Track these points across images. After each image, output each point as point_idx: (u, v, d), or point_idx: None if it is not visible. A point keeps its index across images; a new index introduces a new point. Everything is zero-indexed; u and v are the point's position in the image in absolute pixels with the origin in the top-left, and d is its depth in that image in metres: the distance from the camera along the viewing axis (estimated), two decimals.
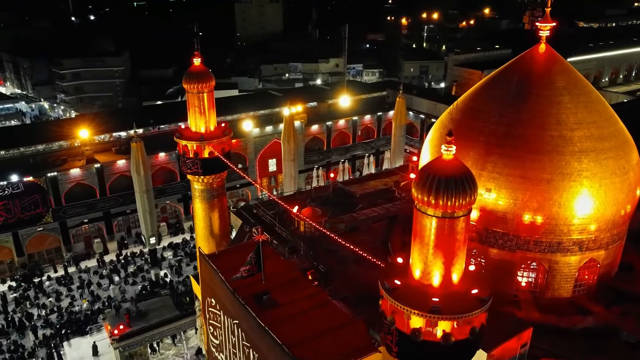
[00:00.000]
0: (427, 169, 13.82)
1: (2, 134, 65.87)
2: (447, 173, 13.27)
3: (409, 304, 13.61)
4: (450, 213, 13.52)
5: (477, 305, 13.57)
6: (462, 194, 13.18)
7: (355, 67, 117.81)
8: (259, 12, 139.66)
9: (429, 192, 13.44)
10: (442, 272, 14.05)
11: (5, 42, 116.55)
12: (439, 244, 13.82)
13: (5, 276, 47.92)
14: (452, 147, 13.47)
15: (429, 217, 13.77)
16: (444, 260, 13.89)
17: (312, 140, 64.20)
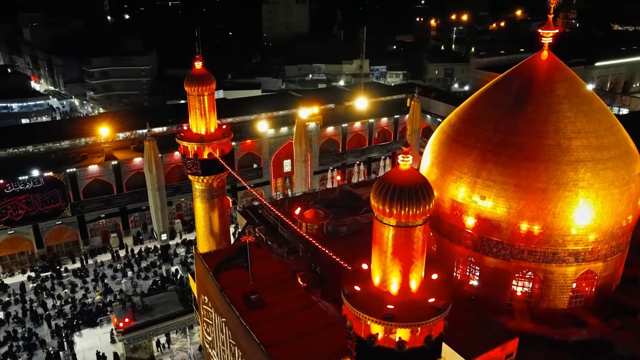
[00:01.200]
0: (384, 178, 14.01)
1: (29, 129, 68.41)
2: (402, 183, 13.42)
3: (364, 310, 13.83)
4: (406, 222, 13.68)
5: (432, 314, 13.68)
6: (417, 204, 13.31)
7: (379, 68, 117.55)
8: (286, 13, 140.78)
9: (384, 201, 13.64)
10: (399, 280, 14.21)
11: (41, 41, 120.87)
12: (396, 253, 13.99)
13: (25, 267, 49.92)
14: (409, 158, 13.63)
15: (386, 226, 13.96)
16: (402, 268, 14.05)
17: (328, 141, 64.52)
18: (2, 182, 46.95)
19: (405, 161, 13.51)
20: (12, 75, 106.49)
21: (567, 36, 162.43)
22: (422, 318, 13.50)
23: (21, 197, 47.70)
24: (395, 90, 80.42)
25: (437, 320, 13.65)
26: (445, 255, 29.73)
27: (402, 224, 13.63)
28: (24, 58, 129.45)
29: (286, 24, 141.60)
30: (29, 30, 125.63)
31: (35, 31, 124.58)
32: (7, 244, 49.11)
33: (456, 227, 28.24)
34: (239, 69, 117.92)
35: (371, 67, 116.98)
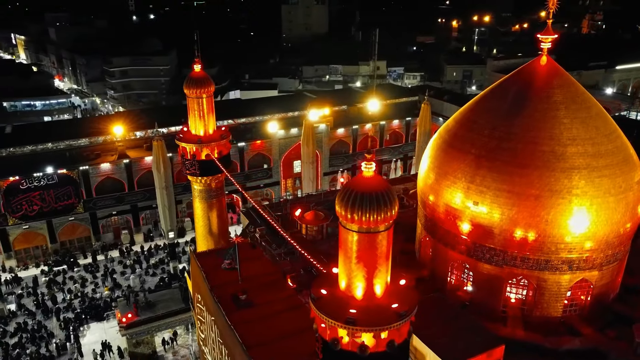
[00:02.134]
0: (348, 185, 14.19)
1: (48, 127, 70.34)
2: (365, 189, 13.57)
3: (328, 313, 14.03)
4: (368, 228, 13.82)
5: (394, 319, 13.79)
6: (378, 210, 13.44)
7: (396, 70, 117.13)
8: (305, 14, 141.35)
9: (346, 207, 13.83)
10: (364, 285, 14.35)
11: (66, 41, 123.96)
12: (360, 258, 14.14)
13: (39, 261, 51.41)
14: (372, 165, 13.76)
15: (350, 231, 14.14)
16: (366, 273, 14.18)
17: (338, 143, 64.67)
18: (18, 179, 48.43)
19: (368, 168, 13.68)
20: (37, 74, 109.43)
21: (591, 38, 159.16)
22: (384, 323, 13.63)
23: (36, 193, 49.15)
24: (408, 92, 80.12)
25: (399, 325, 13.77)
26: (440, 260, 29.71)
27: (365, 229, 13.79)
28: (49, 57, 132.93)
29: (305, 25, 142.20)
30: (54, 30, 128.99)
31: (60, 31, 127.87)
32: (22, 239, 50.65)
33: (450, 232, 28.19)
34: (257, 69, 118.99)
35: (388, 69, 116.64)
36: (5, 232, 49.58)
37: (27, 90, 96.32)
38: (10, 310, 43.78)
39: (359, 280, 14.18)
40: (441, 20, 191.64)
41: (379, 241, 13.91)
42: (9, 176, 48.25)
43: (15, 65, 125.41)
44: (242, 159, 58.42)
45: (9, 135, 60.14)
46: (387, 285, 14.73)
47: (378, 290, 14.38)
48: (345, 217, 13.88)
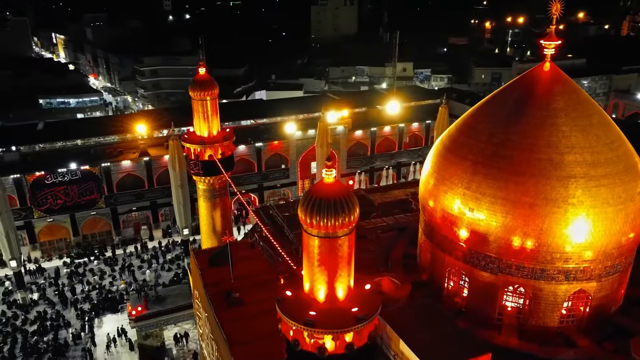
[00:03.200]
0: (310, 191, 14.56)
1: (77, 124, 73.16)
2: (325, 196, 13.90)
3: (289, 314, 14.43)
4: (327, 233, 14.14)
5: (352, 323, 14.07)
6: (337, 216, 13.74)
7: (423, 72, 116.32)
8: (334, 15, 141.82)
9: (306, 213, 14.21)
10: (325, 288, 14.69)
11: (101, 40, 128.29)
12: (322, 261, 14.47)
13: (62, 253, 53.61)
14: (332, 171, 14.07)
15: (312, 236, 14.50)
16: (327, 276, 14.51)
17: (356, 145, 64.88)
18: (44, 174, 50.63)
19: (328, 174, 14.02)
20: (72, 73, 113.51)
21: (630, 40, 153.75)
22: (342, 326, 13.95)
23: (60, 188, 51.28)
24: (433, 94, 79.53)
25: (358, 329, 14.05)
26: (437, 265, 29.66)
27: (325, 234, 14.14)
28: (85, 56, 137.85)
29: (334, 26, 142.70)
30: (90, 30, 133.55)
31: (96, 31, 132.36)
32: (46, 231, 52.93)
33: (447, 237, 28.13)
34: (285, 69, 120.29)
35: (415, 70, 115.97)
36: (31, 224, 51.90)
37: (62, 88, 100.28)
38: (32, 299, 45.81)
39: (320, 284, 14.55)
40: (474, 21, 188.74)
41: (340, 246, 14.24)
42: (35, 171, 50.42)
43: (53, 63, 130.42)
44: (259, 159, 59.37)
45: (40, 132, 62.84)
46: (350, 289, 15.04)
47: (340, 293, 14.72)
48: (306, 222, 14.29)
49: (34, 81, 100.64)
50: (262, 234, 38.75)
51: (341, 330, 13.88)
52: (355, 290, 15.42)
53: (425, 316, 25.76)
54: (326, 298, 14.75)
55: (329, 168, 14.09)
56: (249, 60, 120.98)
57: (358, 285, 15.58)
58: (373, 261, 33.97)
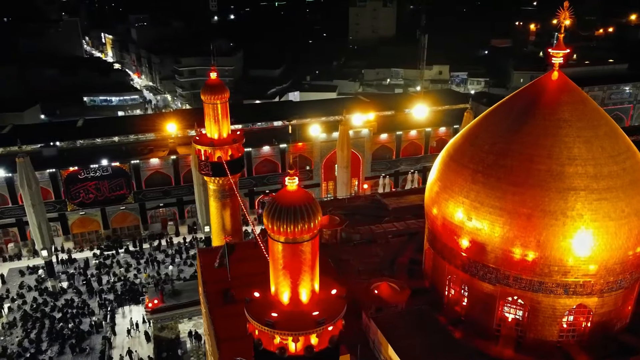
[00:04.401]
0: (274, 198, 15.11)
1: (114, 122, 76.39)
2: (287, 203, 14.40)
3: (253, 315, 15.04)
4: (289, 239, 14.65)
5: (311, 326, 14.52)
6: (297, 222, 14.20)
7: (459, 75, 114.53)
8: (372, 16, 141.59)
9: (270, 219, 14.77)
10: (289, 291, 15.19)
11: (145, 41, 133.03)
12: (286, 266, 14.97)
13: (93, 244, 56.28)
14: (294, 179, 14.57)
15: (276, 242, 15.06)
16: (291, 280, 15.01)
17: (381, 148, 64.89)
18: (77, 169, 53.30)
19: (291, 182, 14.54)
20: (116, 72, 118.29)
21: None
22: (300, 328, 14.44)
23: (92, 183, 53.89)
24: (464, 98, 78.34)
25: (316, 332, 14.50)
26: (439, 273, 29.63)
27: (289, 240, 14.67)
28: (130, 55, 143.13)
29: (372, 27, 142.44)
30: (135, 31, 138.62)
31: (140, 31, 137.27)
32: (78, 223, 55.71)
33: (447, 245, 28.09)
34: (320, 70, 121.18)
35: (451, 73, 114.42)
36: (65, 216, 54.74)
37: (105, 86, 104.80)
38: (61, 287, 48.37)
39: (284, 287, 15.10)
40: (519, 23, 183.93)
41: (303, 251, 14.73)
42: (69, 166, 53.17)
43: (98, 62, 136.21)
44: (282, 160, 60.35)
45: (79, 128, 66.03)
46: (315, 293, 15.52)
47: (304, 297, 15.22)
48: (270, 228, 14.89)
49: (80, 79, 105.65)
50: None
51: (298, 333, 14.39)
52: (321, 294, 15.88)
53: (419, 323, 25.91)
54: (290, 301, 15.30)
55: (291, 176, 14.63)
56: (287, 60, 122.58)
57: (325, 290, 16.03)
58: (378, 265, 34.27)
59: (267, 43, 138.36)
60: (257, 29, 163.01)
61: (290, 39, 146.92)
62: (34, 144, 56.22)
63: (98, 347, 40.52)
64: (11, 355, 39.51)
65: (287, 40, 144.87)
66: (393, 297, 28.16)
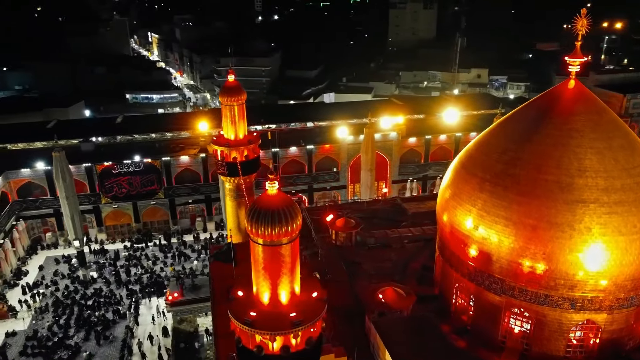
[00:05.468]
0: (254, 202, 15.57)
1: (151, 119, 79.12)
2: (267, 207, 14.81)
3: (233, 312, 15.56)
4: (269, 241, 15.06)
5: (287, 327, 14.88)
6: (273, 225, 14.62)
7: (499, 79, 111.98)
8: (412, 18, 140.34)
9: (250, 222, 15.23)
10: (269, 292, 15.60)
11: (188, 40, 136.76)
12: (266, 267, 15.40)
13: (124, 237, 58.56)
14: (274, 183, 14.96)
15: (256, 244, 15.51)
16: (270, 281, 15.41)
17: (409, 152, 64.46)
18: (111, 164, 55.61)
19: (271, 186, 14.96)
20: (158, 70, 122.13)
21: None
22: (276, 329, 14.85)
23: (125, 177, 56.12)
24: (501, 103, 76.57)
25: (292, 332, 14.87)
26: (447, 281, 29.42)
27: (267, 242, 15.10)
28: (174, 54, 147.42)
29: (412, 29, 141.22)
30: (179, 30, 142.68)
31: (184, 31, 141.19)
32: (111, 216, 58.10)
33: (455, 253, 27.88)
34: (358, 72, 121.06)
35: (490, 77, 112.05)
36: (99, 209, 57.22)
37: (147, 84, 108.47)
38: (92, 276, 50.63)
39: (264, 288, 15.54)
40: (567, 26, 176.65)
41: (282, 253, 15.14)
42: (104, 161, 55.57)
43: (142, 61, 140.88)
44: (310, 161, 60.98)
45: (119, 125, 68.82)
46: (295, 294, 15.89)
47: (283, 298, 15.63)
48: (250, 231, 15.37)
49: (123, 77, 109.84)
50: None
51: (274, 333, 14.81)
52: (302, 296, 16.25)
53: (419, 330, 25.93)
54: (270, 301, 15.75)
55: (271, 181, 15.08)
56: (325, 61, 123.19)
57: (306, 292, 16.39)
58: (391, 270, 34.29)
59: (307, 44, 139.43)
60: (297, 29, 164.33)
61: (330, 40, 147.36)
62: (73, 139, 59.04)
63: (121, 335, 42.26)
64: (41, 339, 41.76)
65: (327, 41, 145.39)
66: (398, 302, 28.20)
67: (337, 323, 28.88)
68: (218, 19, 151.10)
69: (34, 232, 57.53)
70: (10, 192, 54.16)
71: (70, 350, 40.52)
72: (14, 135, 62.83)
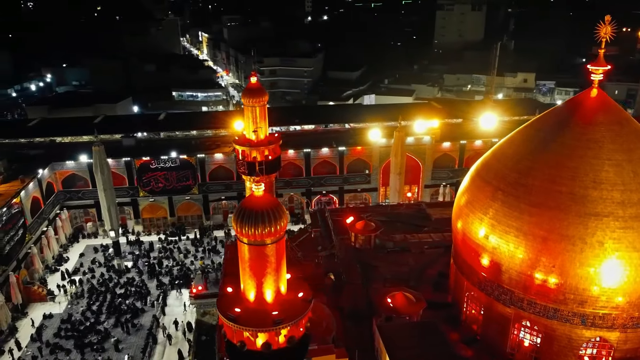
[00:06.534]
0: (241, 203, 16.07)
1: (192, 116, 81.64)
2: (253, 207, 15.26)
3: (220, 308, 16.13)
4: (253, 241, 15.51)
5: (268, 324, 15.29)
6: (256, 226, 15.06)
7: (546, 84, 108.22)
8: (459, 20, 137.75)
9: (237, 222, 15.73)
10: (254, 290, 16.05)
11: (234, 40, 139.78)
12: (251, 266, 15.85)
13: (159, 230, 60.79)
14: (261, 185, 15.39)
15: (243, 243, 16.02)
16: (255, 280, 15.85)
17: (443, 156, 63.57)
18: (149, 159, 57.88)
19: (257, 188, 15.42)
20: (204, 69, 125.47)
21: None
22: (258, 326, 15.31)
23: (161, 172, 58.25)
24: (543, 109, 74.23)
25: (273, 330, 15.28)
26: (459, 289, 29.12)
27: (253, 242, 15.58)
28: (221, 53, 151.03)
29: (458, 31, 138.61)
30: (226, 30, 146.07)
31: (231, 31, 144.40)
32: (148, 209, 60.46)
33: (466, 261, 27.58)
34: (401, 74, 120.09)
35: (537, 82, 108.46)
36: (137, 202, 59.66)
37: (193, 82, 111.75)
38: (126, 266, 52.91)
39: (250, 286, 16.03)
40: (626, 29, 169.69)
41: (267, 253, 15.59)
42: (142, 156, 57.91)
43: (190, 59, 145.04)
44: (341, 163, 61.27)
45: (161, 122, 71.50)
46: (280, 293, 16.31)
47: (268, 296, 16.07)
48: (236, 230, 15.93)
49: (171, 75, 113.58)
50: (311, 234, 40.84)
51: (256, 329, 15.29)
52: (288, 295, 16.66)
53: (423, 336, 25.76)
54: (255, 299, 16.23)
55: (257, 182, 15.57)
56: (369, 63, 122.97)
57: (293, 292, 16.79)
58: (407, 275, 34.15)
59: (351, 45, 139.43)
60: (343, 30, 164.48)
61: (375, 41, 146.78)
62: (116, 134, 61.84)
63: (147, 324, 44.00)
64: (74, 323, 44.12)
65: (372, 42, 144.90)
66: (407, 307, 28.11)
67: (347, 325, 29.23)
68: (266, 20, 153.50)
69: (76, 222, 60.65)
70: (56, 182, 57.35)
71: (100, 335, 42.56)
72: (63, 129, 66.56)
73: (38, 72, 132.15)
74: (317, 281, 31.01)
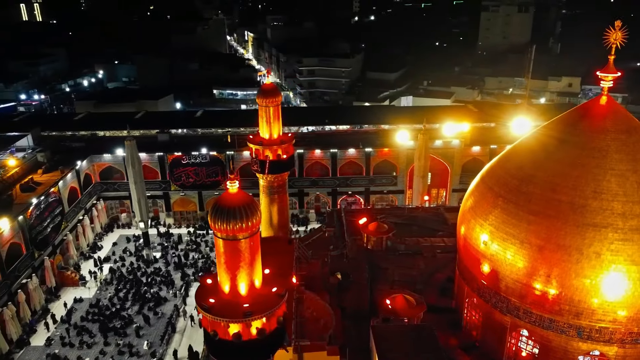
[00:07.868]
0: (218, 199, 16.79)
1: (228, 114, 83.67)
2: (227, 203, 15.96)
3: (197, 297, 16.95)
4: (228, 236, 16.21)
5: (238, 316, 15.96)
6: (231, 221, 15.74)
7: (592, 88, 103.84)
8: (504, 22, 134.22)
9: (211, 218, 16.51)
10: (228, 283, 16.75)
11: (277, 40, 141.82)
12: (226, 260, 16.58)
13: (189, 223, 62.89)
14: (235, 182, 16.04)
15: (218, 238, 16.76)
16: (230, 273, 16.54)
17: (472, 161, 62.49)
18: (181, 155, 60.00)
19: (232, 186, 16.10)
20: (245, 68, 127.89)
21: None
22: (228, 317, 16.03)
23: (192, 168, 60.26)
24: None
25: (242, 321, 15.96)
26: (460, 294, 29.03)
27: (227, 237, 16.29)
28: (264, 53, 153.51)
29: (503, 33, 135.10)
30: (270, 30, 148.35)
31: (274, 31, 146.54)
32: (179, 202, 62.66)
33: (467, 267, 27.48)
34: (442, 75, 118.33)
35: (583, 86, 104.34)
36: (168, 195, 61.95)
37: (234, 81, 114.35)
38: (154, 256, 55.11)
39: (224, 278, 16.77)
40: None
41: (240, 248, 16.27)
42: (175, 152, 60.11)
43: (232, 58, 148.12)
44: (368, 164, 61.42)
45: (197, 119, 73.74)
46: (254, 287, 16.97)
47: (242, 290, 16.76)
48: (212, 226, 16.72)
49: (213, 73, 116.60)
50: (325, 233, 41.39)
51: (227, 320, 16.03)
52: (262, 289, 17.31)
53: (415, 339, 25.79)
54: (230, 291, 16.98)
55: (232, 180, 16.29)
56: (411, 64, 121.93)
57: (267, 286, 17.43)
58: (415, 278, 34.16)
59: (396, 45, 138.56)
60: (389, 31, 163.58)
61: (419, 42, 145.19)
62: (153, 129, 64.34)
63: (169, 313, 45.80)
64: (101, 307, 46.51)
65: (416, 43, 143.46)
66: (406, 310, 28.21)
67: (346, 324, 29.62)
68: (309, 20, 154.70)
69: (112, 212, 63.60)
70: (94, 174, 60.39)
71: (124, 320, 44.66)
72: (105, 123, 69.82)
73: (91, 69, 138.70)
74: (322, 280, 31.58)
